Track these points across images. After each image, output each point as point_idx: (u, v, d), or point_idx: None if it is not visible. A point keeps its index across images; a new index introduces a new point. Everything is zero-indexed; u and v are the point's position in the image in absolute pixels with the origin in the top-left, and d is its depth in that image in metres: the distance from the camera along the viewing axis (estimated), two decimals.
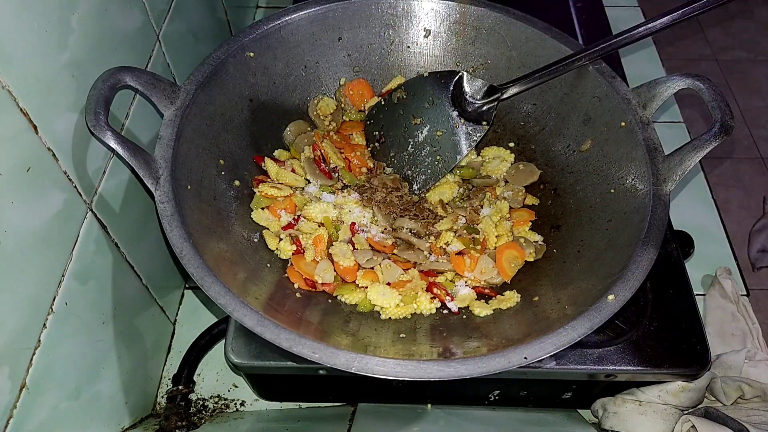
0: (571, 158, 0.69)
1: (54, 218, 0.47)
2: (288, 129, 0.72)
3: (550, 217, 0.68)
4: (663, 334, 0.61)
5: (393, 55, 0.76)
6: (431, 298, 0.61)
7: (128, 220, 0.60)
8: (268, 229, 0.64)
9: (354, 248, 0.63)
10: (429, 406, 0.68)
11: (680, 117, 0.97)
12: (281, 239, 0.64)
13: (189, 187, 0.56)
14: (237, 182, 0.65)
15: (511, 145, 0.74)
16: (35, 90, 0.44)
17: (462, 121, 0.70)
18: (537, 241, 0.66)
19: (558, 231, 0.66)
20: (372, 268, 0.63)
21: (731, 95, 2.16)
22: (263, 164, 0.68)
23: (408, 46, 0.75)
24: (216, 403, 0.70)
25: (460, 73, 0.70)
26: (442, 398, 0.69)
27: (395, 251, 0.64)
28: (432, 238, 0.66)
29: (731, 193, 1.90)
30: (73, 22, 0.48)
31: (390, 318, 0.60)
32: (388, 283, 0.61)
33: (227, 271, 0.53)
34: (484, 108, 0.69)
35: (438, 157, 0.70)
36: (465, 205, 0.68)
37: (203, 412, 0.69)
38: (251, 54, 0.66)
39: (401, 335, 0.56)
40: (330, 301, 0.61)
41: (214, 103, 0.62)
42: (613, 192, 0.62)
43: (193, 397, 0.69)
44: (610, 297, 0.50)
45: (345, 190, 0.69)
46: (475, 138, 0.69)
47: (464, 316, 0.60)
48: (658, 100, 0.63)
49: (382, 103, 0.73)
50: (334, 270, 0.62)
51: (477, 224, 0.67)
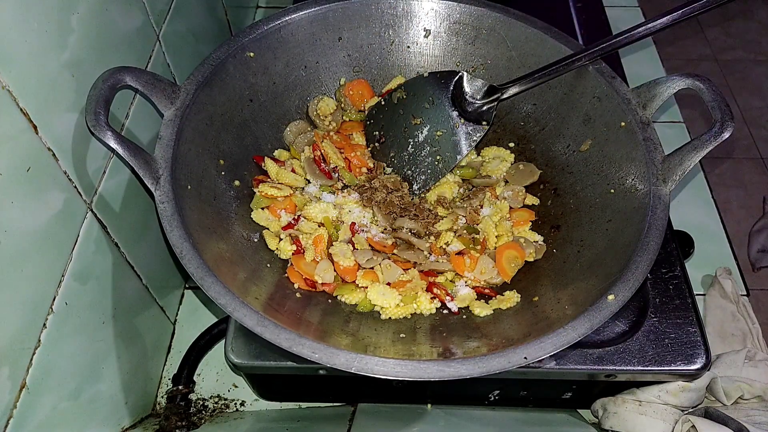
0: (571, 158, 0.69)
1: (54, 218, 0.47)
2: (288, 129, 0.72)
3: (550, 217, 0.68)
4: (663, 334, 0.61)
5: (393, 55, 0.76)
6: (431, 298, 0.61)
7: (128, 220, 0.60)
8: (268, 229, 0.64)
9: (354, 248, 0.63)
10: (429, 406, 0.68)
11: (680, 117, 0.97)
12: (281, 239, 0.64)
13: (189, 187, 0.56)
14: (237, 182, 0.65)
15: (511, 145, 0.74)
16: (35, 90, 0.44)
17: (462, 121, 0.70)
18: (537, 241, 0.66)
19: (558, 231, 0.66)
20: (372, 268, 0.63)
21: (731, 95, 2.16)
22: (263, 164, 0.68)
23: (408, 46, 0.75)
24: (216, 403, 0.70)
25: (460, 73, 0.70)
26: (442, 398, 0.69)
27: (395, 251, 0.64)
28: (432, 238, 0.66)
29: (731, 193, 1.90)
30: (73, 22, 0.48)
31: (390, 318, 0.60)
32: (388, 283, 0.61)
33: (227, 271, 0.53)
34: (484, 108, 0.69)
35: (438, 157, 0.70)
36: (465, 205, 0.68)
37: (203, 412, 0.69)
38: (251, 54, 0.66)
39: (401, 335, 0.56)
40: (330, 301, 0.61)
41: (214, 103, 0.62)
42: (613, 192, 0.62)
43: (193, 397, 0.69)
44: (610, 297, 0.50)
45: (345, 190, 0.69)
46: (475, 138, 0.69)
47: (464, 316, 0.60)
48: (658, 100, 0.63)
49: (382, 103, 0.73)
50: (334, 270, 0.62)
51: (477, 224, 0.67)
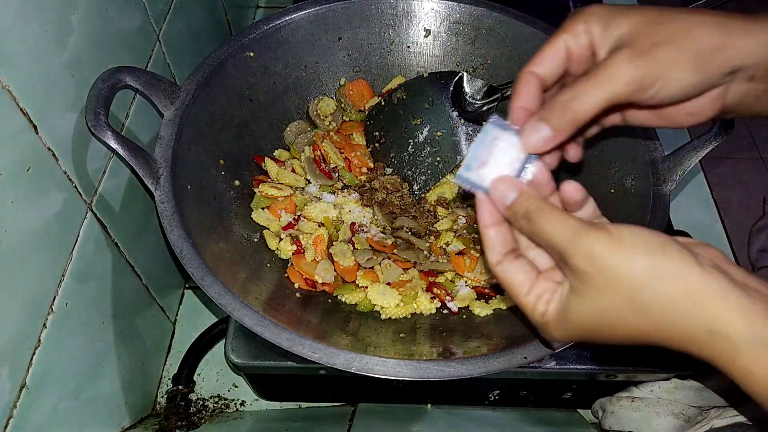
0: None
1: (54, 218, 0.47)
2: (288, 129, 0.72)
3: None
4: None
5: (393, 55, 0.76)
6: (431, 298, 0.61)
7: (128, 220, 0.60)
8: (268, 229, 0.64)
9: (354, 248, 0.63)
10: (429, 406, 0.68)
11: None
12: (281, 239, 0.64)
13: (189, 187, 0.56)
14: (237, 182, 0.65)
15: None
16: (35, 90, 0.44)
17: (462, 121, 0.70)
18: None
19: None
20: (372, 268, 0.63)
21: None
22: (263, 164, 0.68)
23: (408, 46, 0.75)
24: (216, 403, 0.70)
25: (460, 74, 0.70)
26: (442, 398, 0.69)
27: (395, 251, 0.64)
28: (432, 238, 0.66)
29: (731, 193, 1.90)
30: (73, 22, 0.48)
31: (390, 318, 0.60)
32: (388, 283, 0.61)
33: (227, 271, 0.53)
34: (484, 108, 0.69)
35: (438, 158, 0.70)
36: (465, 205, 0.68)
37: (203, 412, 0.69)
38: (251, 54, 0.66)
39: (401, 335, 0.56)
40: (330, 301, 0.61)
41: (214, 103, 0.62)
42: (613, 192, 0.62)
43: (193, 397, 0.69)
44: None
45: (345, 190, 0.69)
46: (475, 138, 0.69)
47: (464, 316, 0.60)
48: None
49: (382, 103, 0.73)
50: (334, 270, 0.62)
51: (477, 224, 0.67)
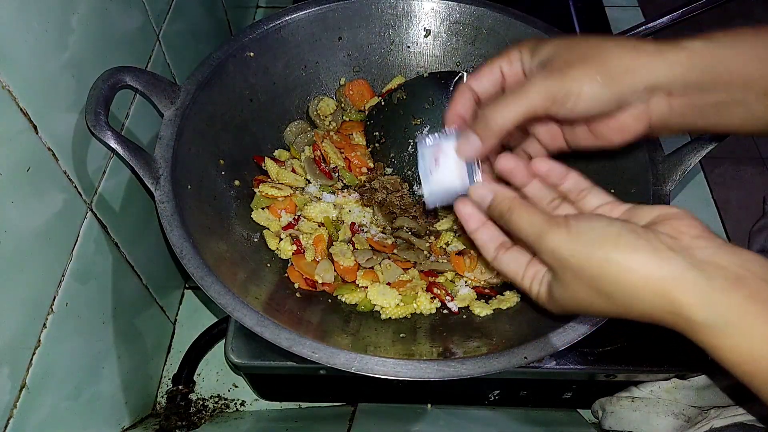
0: (571, 158, 0.68)
1: (54, 218, 0.47)
2: (288, 129, 0.72)
3: None
4: (663, 333, 0.60)
5: (393, 55, 0.76)
6: (431, 298, 0.61)
7: (128, 220, 0.60)
8: (268, 229, 0.64)
9: (354, 248, 0.63)
10: (429, 406, 0.68)
11: None
12: (281, 239, 0.64)
13: (189, 187, 0.56)
14: (237, 182, 0.65)
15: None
16: (35, 90, 0.44)
17: None
18: None
19: None
20: (372, 268, 0.63)
21: None
22: (263, 164, 0.68)
23: (408, 46, 0.75)
24: (216, 403, 0.70)
25: (460, 74, 0.70)
26: (442, 398, 0.69)
27: (395, 251, 0.64)
28: (432, 238, 0.66)
29: (731, 193, 1.90)
30: (73, 22, 0.48)
31: (390, 318, 0.60)
32: (388, 283, 0.61)
33: (227, 271, 0.53)
34: None
35: None
36: None
37: (203, 412, 0.69)
38: (251, 54, 0.66)
39: (401, 335, 0.56)
40: (330, 301, 0.61)
41: (214, 103, 0.62)
42: (613, 192, 0.62)
43: (193, 397, 0.69)
44: None
45: (345, 190, 0.69)
46: None
47: (464, 316, 0.60)
48: None
49: (382, 103, 0.73)
50: (334, 270, 0.62)
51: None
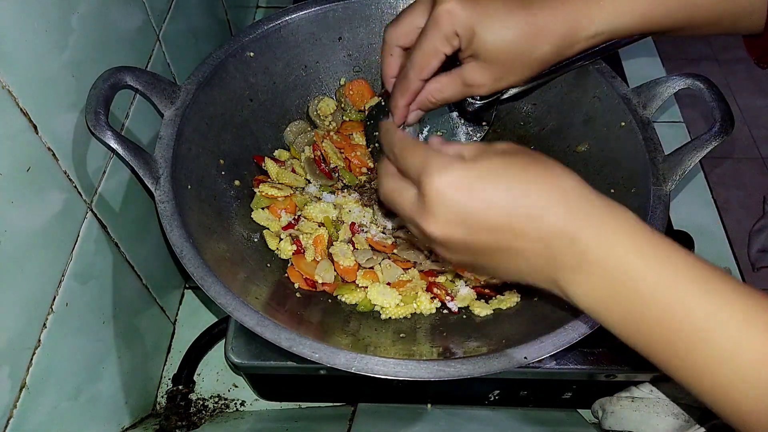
0: (571, 158, 0.69)
1: (54, 218, 0.47)
2: (288, 129, 0.72)
3: None
4: None
5: None
6: (431, 298, 0.61)
7: (128, 220, 0.60)
8: (268, 229, 0.64)
9: (354, 248, 0.63)
10: (429, 406, 0.68)
11: (680, 117, 0.97)
12: (281, 239, 0.64)
13: (189, 187, 0.56)
14: (237, 182, 0.65)
15: None
16: (35, 90, 0.44)
17: (462, 121, 0.69)
18: None
19: None
20: (372, 268, 0.63)
21: (731, 95, 2.16)
22: (263, 164, 0.68)
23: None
24: (216, 403, 0.70)
25: None
26: (442, 398, 0.69)
27: (395, 251, 0.64)
28: None
29: (731, 193, 1.90)
30: (73, 22, 0.48)
31: (390, 318, 0.60)
32: (388, 283, 0.61)
33: (227, 271, 0.53)
34: (484, 108, 0.69)
35: None
36: None
37: (203, 412, 0.69)
38: (251, 54, 0.66)
39: (401, 335, 0.56)
40: (330, 301, 0.61)
41: (214, 103, 0.62)
42: (613, 192, 0.62)
43: (193, 397, 0.69)
44: None
45: (345, 190, 0.69)
46: (475, 138, 0.69)
47: (464, 316, 0.60)
48: (658, 100, 0.63)
49: (382, 103, 0.73)
50: (334, 270, 0.62)
51: None
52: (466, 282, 0.63)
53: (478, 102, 0.69)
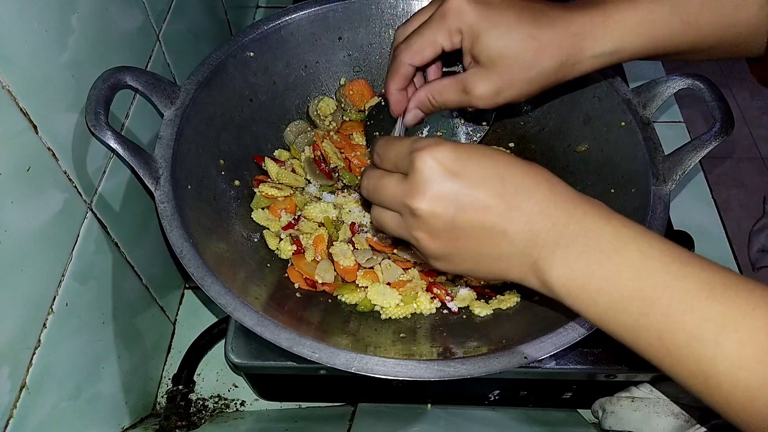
0: (571, 158, 0.69)
1: (54, 218, 0.47)
2: (288, 129, 0.72)
3: None
4: None
5: None
6: (431, 298, 0.61)
7: (128, 220, 0.60)
8: (268, 229, 0.64)
9: (354, 248, 0.63)
10: (429, 406, 0.68)
11: (680, 117, 0.97)
12: (281, 239, 0.64)
13: (189, 187, 0.56)
14: (237, 182, 0.65)
15: (511, 145, 0.74)
16: (35, 90, 0.44)
17: (462, 121, 0.69)
18: None
19: None
20: (372, 268, 0.63)
21: (731, 95, 2.16)
22: (263, 164, 0.68)
23: None
24: (216, 403, 0.70)
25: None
26: (442, 398, 0.69)
27: (395, 251, 0.64)
28: None
29: (731, 193, 1.90)
30: (73, 22, 0.48)
31: (390, 318, 0.60)
32: (388, 283, 0.61)
33: (227, 271, 0.53)
34: (484, 109, 0.69)
35: None
36: None
37: (203, 412, 0.69)
38: (251, 54, 0.66)
39: (401, 335, 0.56)
40: (330, 301, 0.61)
41: (214, 103, 0.62)
42: (613, 192, 0.62)
43: (193, 397, 0.69)
44: None
45: (345, 190, 0.69)
46: (475, 138, 0.69)
47: (464, 316, 0.60)
48: (658, 100, 0.63)
49: (383, 103, 0.73)
50: (334, 270, 0.62)
51: None
52: (466, 282, 0.63)
53: None
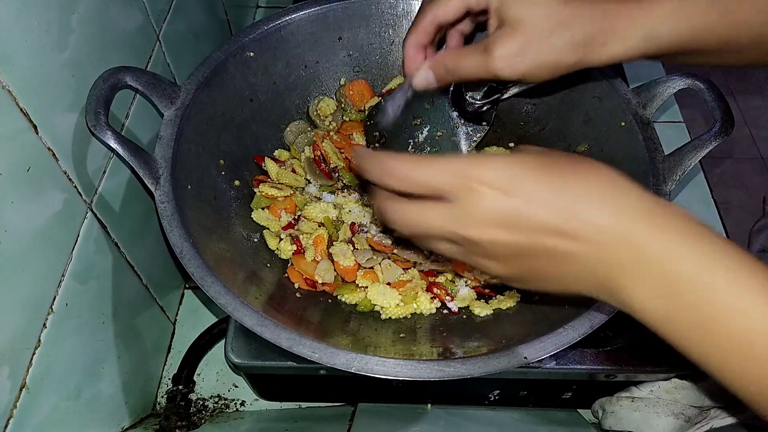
0: None
1: (54, 218, 0.47)
2: (288, 129, 0.72)
3: None
4: None
5: (393, 55, 0.76)
6: (431, 298, 0.61)
7: (128, 220, 0.60)
8: (268, 229, 0.64)
9: (354, 248, 0.63)
10: (429, 406, 0.68)
11: (680, 117, 0.97)
12: (281, 239, 0.64)
13: (189, 187, 0.56)
14: (237, 182, 0.65)
15: (511, 145, 0.74)
16: (35, 90, 0.44)
17: (462, 121, 0.69)
18: None
19: None
20: (372, 267, 0.63)
21: (731, 95, 2.16)
22: (263, 164, 0.68)
23: None
24: (216, 403, 0.70)
25: None
26: (442, 398, 0.69)
27: (395, 251, 0.64)
28: None
29: (731, 193, 1.90)
30: (73, 22, 0.48)
31: (390, 318, 0.60)
32: (388, 283, 0.61)
33: (227, 271, 0.53)
34: (484, 108, 0.69)
35: None
36: None
37: (203, 412, 0.69)
38: (251, 54, 0.66)
39: (401, 335, 0.56)
40: (330, 301, 0.61)
41: (214, 103, 0.62)
42: None
43: (193, 397, 0.69)
44: None
45: (345, 190, 0.69)
46: (475, 138, 0.69)
47: (464, 316, 0.60)
48: (658, 100, 0.63)
49: (383, 103, 0.73)
50: (334, 270, 0.62)
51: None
52: (466, 282, 0.63)
53: (478, 102, 0.69)
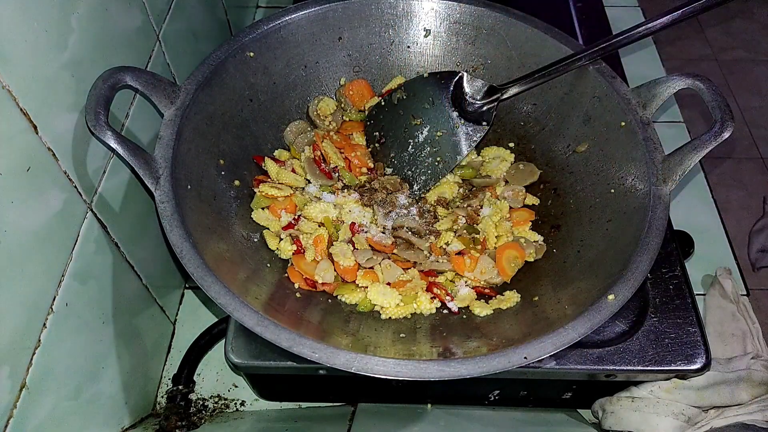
0: (571, 158, 0.69)
1: (54, 218, 0.47)
2: (288, 129, 0.72)
3: (550, 217, 0.68)
4: (663, 333, 0.61)
5: (393, 55, 0.76)
6: (431, 298, 0.61)
7: (128, 220, 0.60)
8: (268, 229, 0.64)
9: (354, 248, 0.63)
10: (429, 406, 0.68)
11: (680, 117, 0.97)
12: (281, 239, 0.64)
13: (189, 187, 0.56)
14: (237, 182, 0.65)
15: (511, 145, 0.74)
16: (35, 90, 0.44)
17: (462, 121, 0.70)
18: (537, 241, 0.66)
19: (558, 231, 0.66)
20: (372, 267, 0.63)
21: (731, 95, 2.16)
22: (263, 164, 0.68)
23: (408, 46, 0.75)
24: (216, 403, 0.70)
25: (460, 74, 0.70)
26: (442, 398, 0.69)
27: (395, 251, 0.64)
28: (432, 238, 0.66)
29: (731, 193, 1.90)
30: (73, 22, 0.48)
31: (390, 318, 0.60)
32: (388, 283, 0.61)
33: (227, 271, 0.53)
34: (484, 108, 0.69)
35: (438, 158, 0.70)
36: (465, 205, 0.68)
37: (203, 412, 0.69)
38: (251, 54, 0.66)
39: (401, 335, 0.56)
40: (330, 301, 0.61)
41: (214, 103, 0.62)
42: (613, 192, 0.62)
43: (193, 397, 0.69)
44: (610, 297, 0.50)
45: (345, 190, 0.69)
46: (475, 138, 0.69)
47: (464, 316, 0.60)
48: (658, 100, 0.63)
49: (382, 103, 0.73)
50: (334, 270, 0.62)
51: (477, 224, 0.67)
52: (466, 282, 0.63)
53: (478, 102, 0.69)
